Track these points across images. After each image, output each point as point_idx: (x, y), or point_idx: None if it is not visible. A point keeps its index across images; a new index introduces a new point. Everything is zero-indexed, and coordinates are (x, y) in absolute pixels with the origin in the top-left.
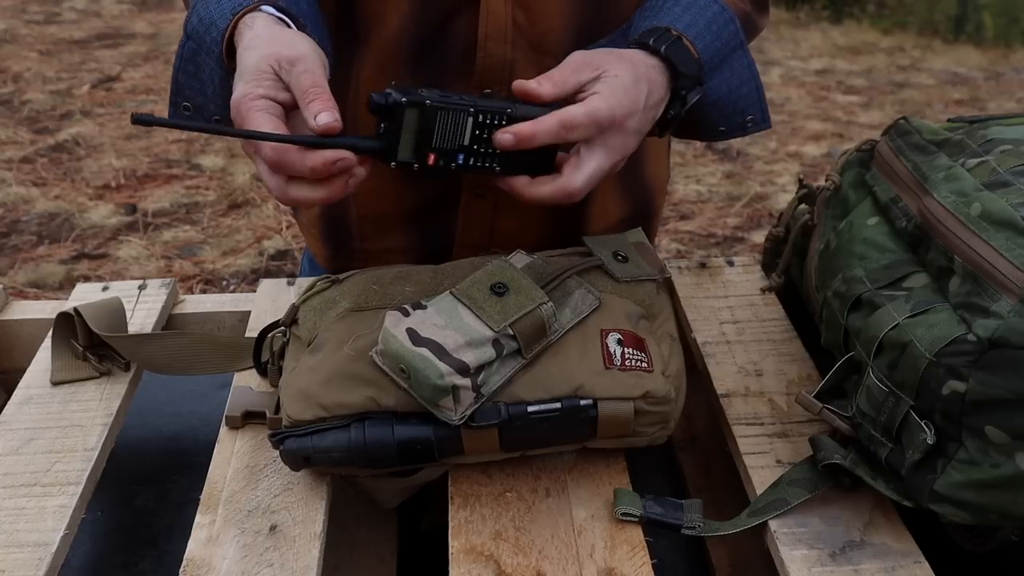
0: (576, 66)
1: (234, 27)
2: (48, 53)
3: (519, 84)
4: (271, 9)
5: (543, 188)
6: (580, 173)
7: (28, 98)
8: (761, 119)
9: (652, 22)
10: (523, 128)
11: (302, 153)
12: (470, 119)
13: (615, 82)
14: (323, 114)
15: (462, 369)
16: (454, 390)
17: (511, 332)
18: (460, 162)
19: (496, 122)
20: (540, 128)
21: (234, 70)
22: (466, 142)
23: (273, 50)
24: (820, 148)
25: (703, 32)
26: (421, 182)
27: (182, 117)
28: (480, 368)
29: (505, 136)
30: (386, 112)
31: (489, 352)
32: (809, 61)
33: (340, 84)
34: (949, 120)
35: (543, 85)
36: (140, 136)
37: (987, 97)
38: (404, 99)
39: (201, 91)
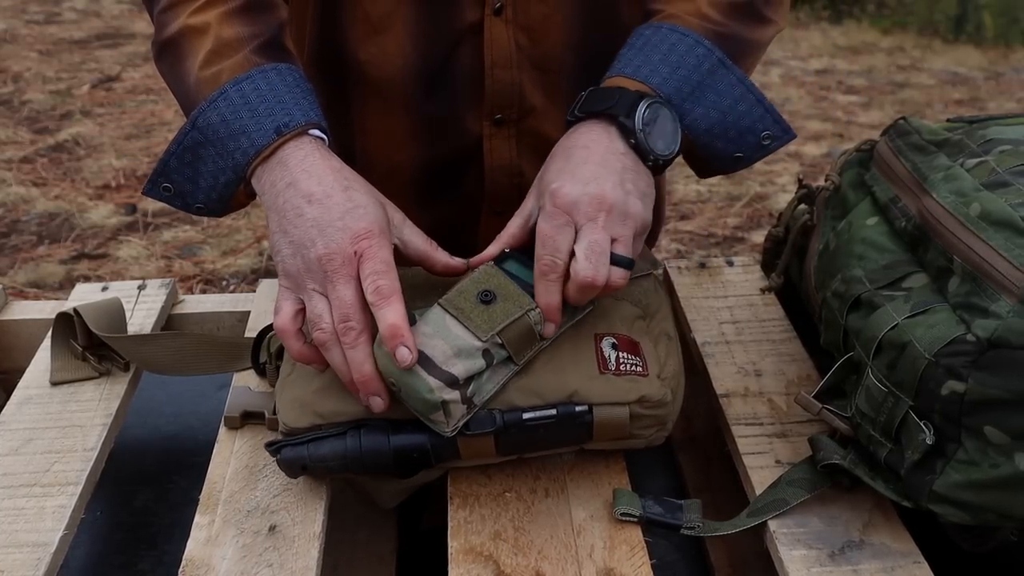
0: (519, 211)
1: (277, 147)
2: (48, 53)
3: (473, 262)
4: (319, 133)
5: (572, 294)
6: (578, 260)
7: (28, 98)
8: (780, 132)
9: (609, 73)
10: (549, 311)
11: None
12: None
13: (543, 187)
14: (459, 259)
15: (451, 382)
16: (444, 404)
17: (499, 341)
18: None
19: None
20: (548, 292)
21: (246, 180)
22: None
23: (378, 198)
24: (820, 148)
25: (658, 66)
26: (439, 204)
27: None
28: (470, 379)
29: (549, 328)
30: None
31: (479, 362)
32: (809, 61)
33: (339, 124)
34: (949, 120)
35: (488, 251)
36: (140, 136)
37: (987, 97)
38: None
39: (192, 180)
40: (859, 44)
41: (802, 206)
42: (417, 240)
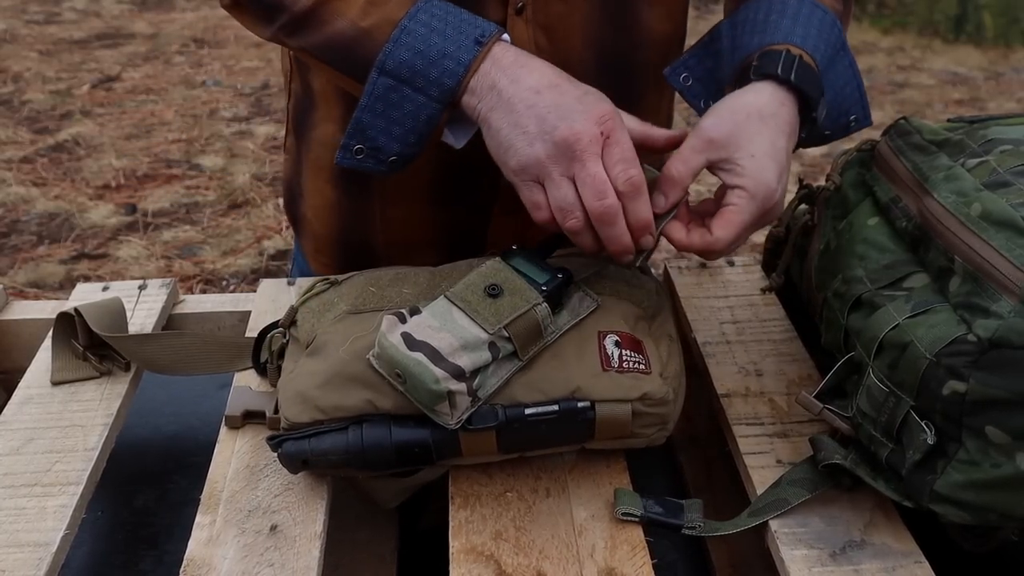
0: (702, 145)
1: (484, 57)
2: (48, 53)
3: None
4: (508, 38)
5: (693, 239)
6: (727, 234)
7: (28, 98)
8: (863, 117)
9: (764, 39)
10: (707, 251)
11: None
12: None
13: (759, 168)
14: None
15: (457, 373)
16: (450, 395)
17: (506, 334)
18: None
19: None
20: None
21: (453, 106)
22: None
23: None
24: (820, 148)
25: (817, 43)
26: (452, 205)
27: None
28: (476, 371)
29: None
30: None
31: (485, 355)
32: None
33: None
34: (949, 120)
35: (691, 163)
36: (140, 136)
37: (987, 97)
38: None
39: (387, 130)
40: (859, 44)
41: (803, 206)
42: (633, 123)
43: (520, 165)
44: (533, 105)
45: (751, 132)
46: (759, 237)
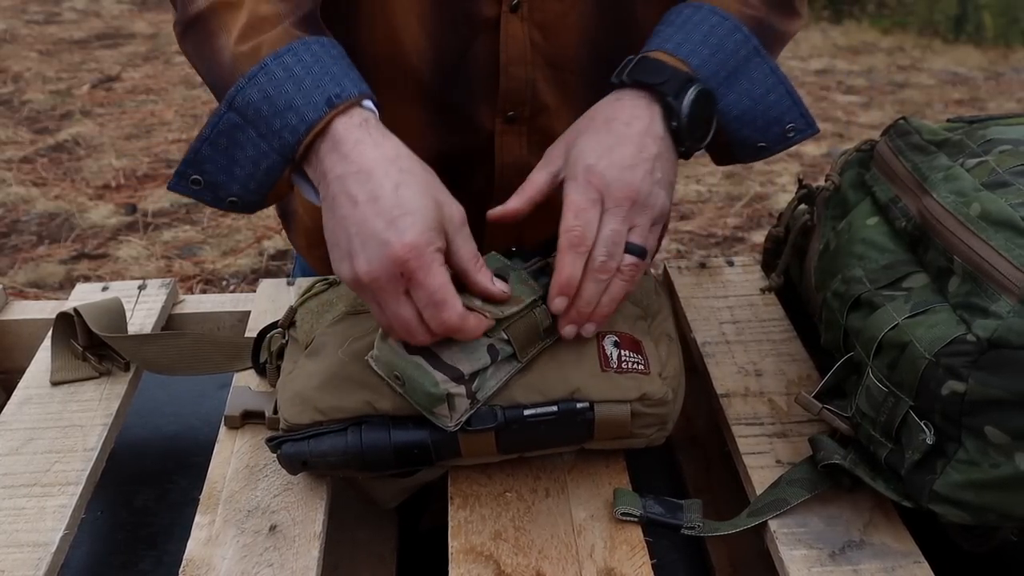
0: (544, 162)
1: (329, 121)
2: (48, 53)
3: (492, 215)
4: (371, 105)
5: (585, 281)
6: (596, 246)
7: (28, 98)
8: (804, 125)
9: (643, 51)
10: (568, 284)
11: (478, 321)
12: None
13: (577, 153)
14: (501, 283)
15: (456, 376)
16: (449, 398)
17: (505, 336)
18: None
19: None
20: (574, 264)
21: (295, 161)
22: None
23: (435, 195)
24: (820, 148)
25: (698, 47)
26: None
27: None
28: (475, 374)
29: (556, 302)
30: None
31: (484, 358)
32: (809, 61)
33: None
34: (949, 120)
35: (511, 204)
36: (140, 136)
37: (987, 97)
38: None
39: (227, 169)
40: (859, 44)
41: (802, 206)
42: (465, 252)
43: (340, 277)
44: (345, 218)
45: (578, 132)
46: (759, 237)
